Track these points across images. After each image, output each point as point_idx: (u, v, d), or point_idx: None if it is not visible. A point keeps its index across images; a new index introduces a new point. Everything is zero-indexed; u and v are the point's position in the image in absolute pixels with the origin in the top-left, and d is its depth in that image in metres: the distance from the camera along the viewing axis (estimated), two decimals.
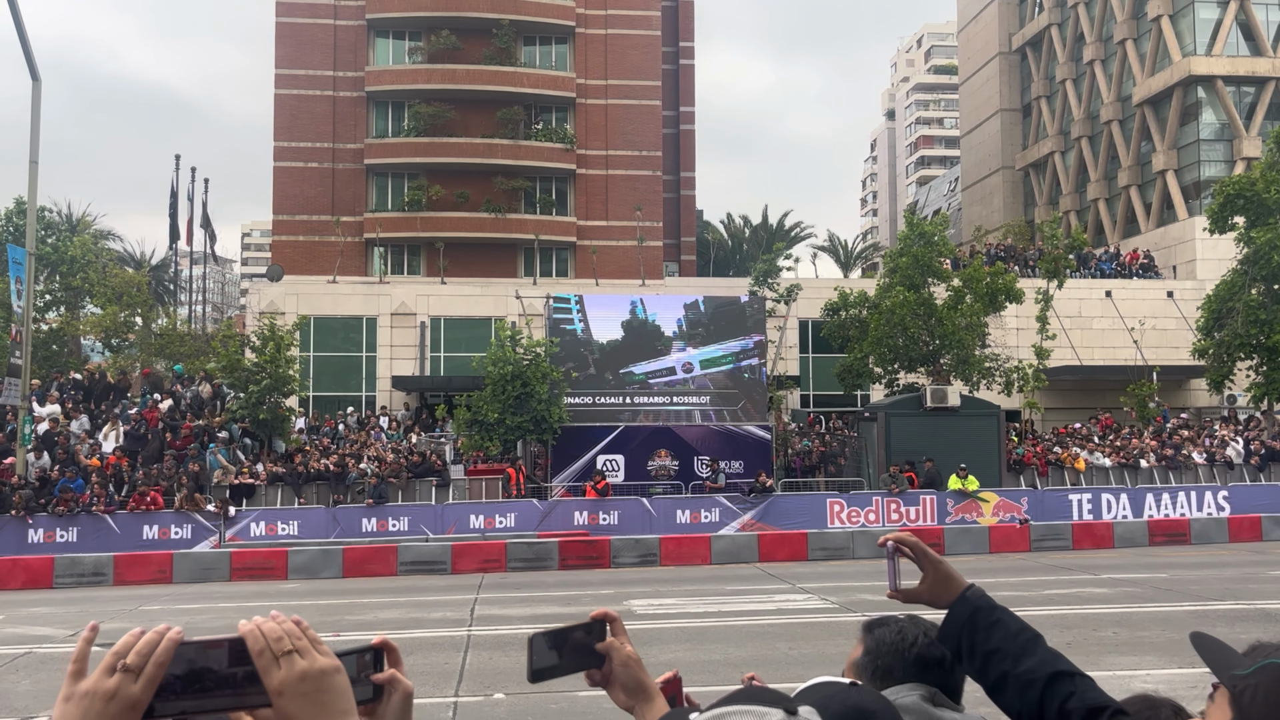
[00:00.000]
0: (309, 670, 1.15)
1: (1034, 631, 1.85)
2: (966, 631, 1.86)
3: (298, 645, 1.16)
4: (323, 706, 1.15)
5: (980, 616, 1.86)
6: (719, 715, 1.29)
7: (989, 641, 1.83)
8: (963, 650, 1.86)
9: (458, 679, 10.92)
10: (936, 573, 1.94)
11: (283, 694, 1.14)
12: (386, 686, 1.34)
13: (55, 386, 27.98)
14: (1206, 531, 24.24)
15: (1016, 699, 1.78)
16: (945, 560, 1.95)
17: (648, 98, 44.07)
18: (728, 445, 27.48)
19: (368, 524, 24.11)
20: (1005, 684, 1.79)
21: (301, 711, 1.14)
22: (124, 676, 1.09)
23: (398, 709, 1.36)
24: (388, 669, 1.36)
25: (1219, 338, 31.44)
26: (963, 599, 1.90)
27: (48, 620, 15.85)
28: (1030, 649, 1.81)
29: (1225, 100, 47.31)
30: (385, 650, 1.36)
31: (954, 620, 1.89)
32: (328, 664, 1.17)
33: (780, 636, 12.90)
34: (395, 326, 37.22)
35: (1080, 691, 1.73)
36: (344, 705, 1.17)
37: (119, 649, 1.11)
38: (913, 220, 31.68)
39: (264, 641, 1.15)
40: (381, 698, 1.34)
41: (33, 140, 24.77)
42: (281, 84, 42.47)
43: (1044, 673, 1.76)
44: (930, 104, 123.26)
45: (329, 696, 1.16)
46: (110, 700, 1.09)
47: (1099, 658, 11.05)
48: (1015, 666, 1.78)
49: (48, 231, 37.01)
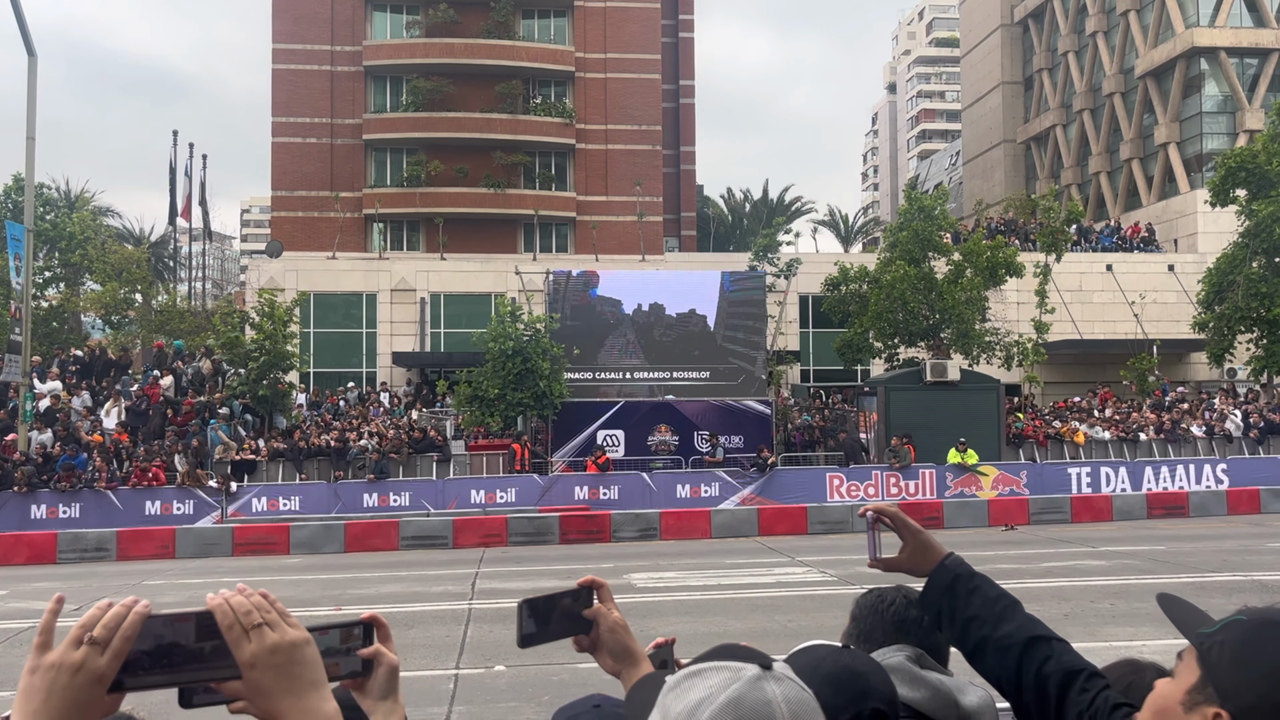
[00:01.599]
0: (280, 643, 1.16)
1: (1012, 598, 1.87)
2: (946, 598, 1.88)
3: (267, 618, 1.17)
4: (294, 678, 1.16)
5: (959, 584, 1.88)
6: (695, 671, 1.29)
7: (968, 608, 1.85)
8: (943, 617, 1.88)
9: (459, 651, 11.00)
10: (916, 541, 1.95)
11: (254, 666, 1.14)
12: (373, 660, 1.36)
13: (56, 363, 27.99)
14: (1205, 504, 24.32)
15: (995, 664, 1.79)
16: (925, 530, 1.97)
17: (647, 71, 43.80)
18: (727, 420, 27.52)
19: (369, 499, 24.20)
20: (984, 649, 1.81)
21: (274, 683, 1.15)
22: (90, 649, 1.09)
23: (384, 682, 1.37)
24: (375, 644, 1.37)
25: (1219, 311, 31.40)
26: (942, 567, 1.91)
27: (50, 595, 15.90)
28: (1008, 615, 1.82)
29: (1228, 72, 47.02)
30: (374, 625, 1.38)
31: (934, 588, 1.91)
32: (298, 636, 1.18)
33: (779, 609, 12.98)
34: (395, 303, 37.19)
35: (1057, 655, 1.75)
36: (315, 676, 1.18)
37: (85, 621, 1.11)
38: (913, 195, 31.58)
39: (233, 615, 1.15)
40: (369, 673, 1.36)
41: (29, 116, 24.67)
42: (279, 59, 42.21)
43: (1021, 637, 1.78)
44: (932, 77, 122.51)
45: (300, 668, 1.17)
46: (76, 672, 1.08)
47: (1096, 629, 11.12)
48: (994, 632, 1.80)
49: (46, 208, 36.89)
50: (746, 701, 1.22)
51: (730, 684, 1.24)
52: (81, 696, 1.09)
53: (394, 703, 1.37)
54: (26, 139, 24.77)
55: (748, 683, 1.24)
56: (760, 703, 1.22)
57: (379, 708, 1.36)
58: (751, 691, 1.23)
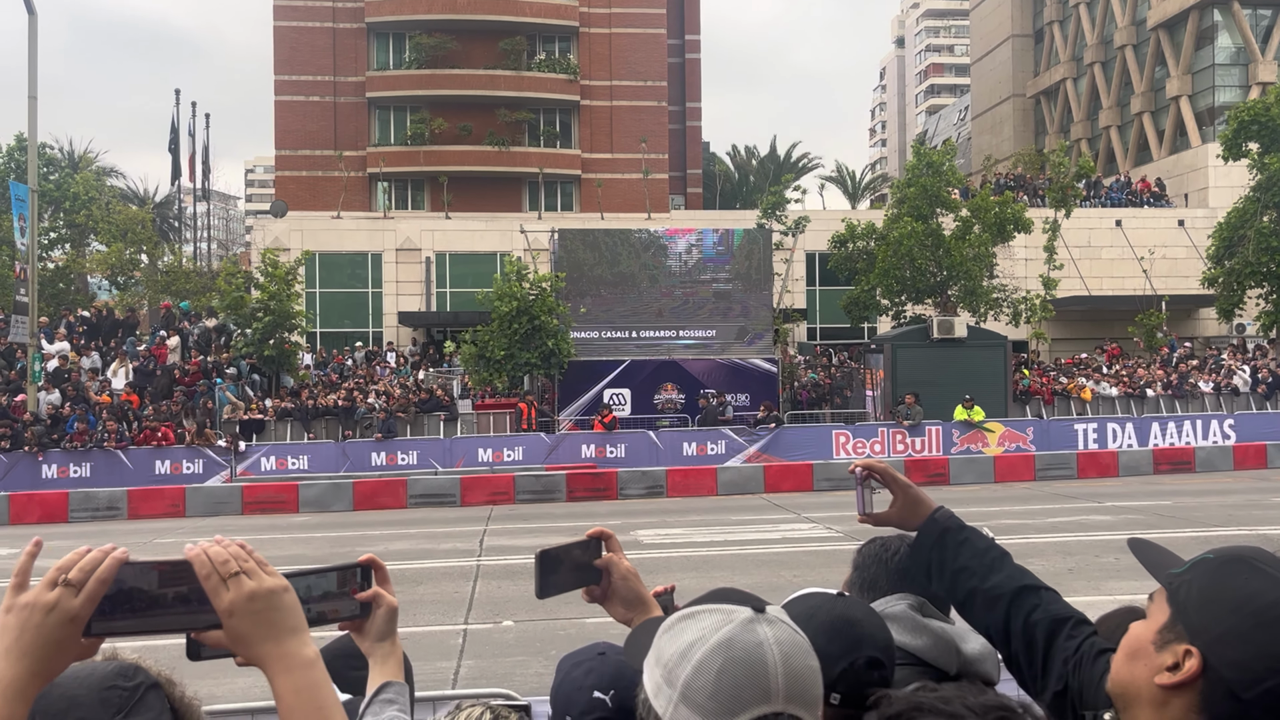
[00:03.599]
0: (257, 590, 1.17)
1: (1001, 549, 1.89)
2: (935, 551, 1.90)
3: (244, 567, 1.18)
4: (273, 625, 1.17)
5: (949, 536, 1.90)
6: (689, 614, 1.31)
7: (957, 560, 1.86)
8: (932, 569, 1.90)
9: (467, 607, 11.11)
10: (906, 496, 1.98)
11: (233, 614, 1.15)
12: (371, 603, 1.37)
13: (64, 324, 28.07)
14: (1211, 459, 24.34)
15: (984, 614, 1.81)
16: (915, 485, 1.99)
17: (652, 26, 43.28)
18: (733, 378, 27.52)
19: (377, 458, 24.32)
20: (973, 600, 1.83)
21: (253, 630, 1.16)
22: (65, 590, 1.11)
23: (382, 624, 1.40)
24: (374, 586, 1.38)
25: (1229, 266, 31.20)
26: (931, 520, 1.93)
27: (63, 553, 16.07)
28: (997, 566, 1.84)
29: (1241, 23, 46.31)
30: (372, 567, 1.39)
31: (923, 541, 1.93)
32: (275, 583, 1.19)
33: (785, 564, 13.07)
34: (401, 262, 37.12)
35: (1044, 604, 1.76)
36: (294, 622, 1.19)
37: (62, 564, 1.12)
38: (921, 150, 31.30)
39: (210, 565, 1.16)
40: (367, 614, 1.37)
41: (30, 75, 24.51)
42: (280, 16, 41.80)
43: (1010, 587, 1.79)
44: (940, 31, 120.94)
45: (279, 615, 1.18)
46: (49, 612, 1.10)
47: (1100, 583, 11.18)
48: (983, 583, 1.82)
49: (50, 169, 36.79)
50: (738, 643, 1.24)
51: (722, 626, 1.26)
52: (54, 635, 1.10)
53: (392, 644, 1.39)
54: (28, 98, 24.63)
55: (740, 625, 1.26)
56: (752, 644, 1.24)
57: (377, 649, 1.38)
58: (743, 633, 1.25)
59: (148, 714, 1.39)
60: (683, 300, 28.12)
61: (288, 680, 1.16)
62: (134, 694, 1.40)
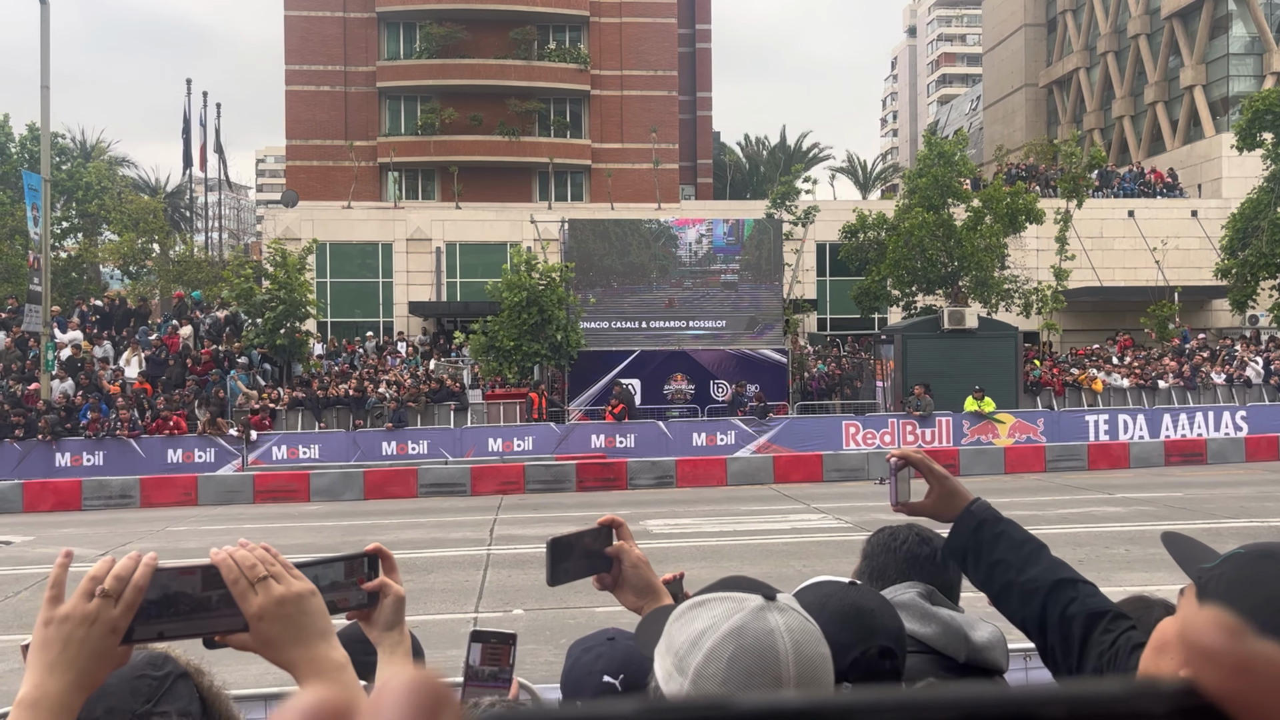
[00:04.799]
0: (286, 594, 1.18)
1: (1038, 542, 1.87)
2: (972, 544, 1.88)
3: (271, 571, 1.19)
4: (302, 628, 1.18)
5: (985, 529, 1.89)
6: (700, 602, 1.32)
7: (994, 553, 1.85)
8: (968, 562, 1.89)
9: (478, 596, 11.16)
10: (942, 488, 1.96)
11: (262, 618, 1.17)
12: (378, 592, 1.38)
13: (77, 313, 28.19)
14: (1223, 451, 24.24)
15: (1020, 607, 1.80)
16: (952, 476, 1.98)
17: (663, 15, 43.15)
18: (744, 369, 27.50)
19: (387, 447, 24.41)
20: (1010, 593, 1.82)
21: (282, 634, 1.17)
22: (103, 601, 1.11)
23: (390, 613, 1.39)
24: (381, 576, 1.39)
25: (1243, 257, 31.00)
26: (968, 512, 1.92)
27: (78, 541, 16.22)
28: (1034, 558, 1.83)
29: (1256, 12, 45.94)
30: (379, 556, 1.39)
31: (959, 533, 1.92)
32: (303, 588, 1.20)
33: (795, 555, 13.08)
34: (411, 252, 37.16)
35: (1082, 597, 1.75)
36: (322, 625, 1.20)
37: (95, 573, 1.12)
38: (932, 140, 31.17)
39: (238, 569, 1.17)
40: (374, 603, 1.38)
41: (43, 65, 24.58)
42: (291, 5, 41.81)
43: (1047, 580, 1.78)
44: (953, 20, 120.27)
45: (307, 619, 1.19)
46: (91, 624, 1.10)
47: (1110, 574, 11.16)
48: (1019, 576, 1.81)
49: (62, 158, 36.89)
50: (749, 631, 1.24)
51: (733, 614, 1.26)
52: (96, 647, 1.11)
53: (400, 633, 1.39)
54: (41, 88, 24.70)
55: (751, 613, 1.26)
56: (763, 632, 1.24)
57: (385, 638, 1.39)
58: (754, 621, 1.25)
59: (177, 703, 1.41)
60: (693, 291, 28.11)
61: (320, 685, 1.17)
62: (163, 683, 1.42)
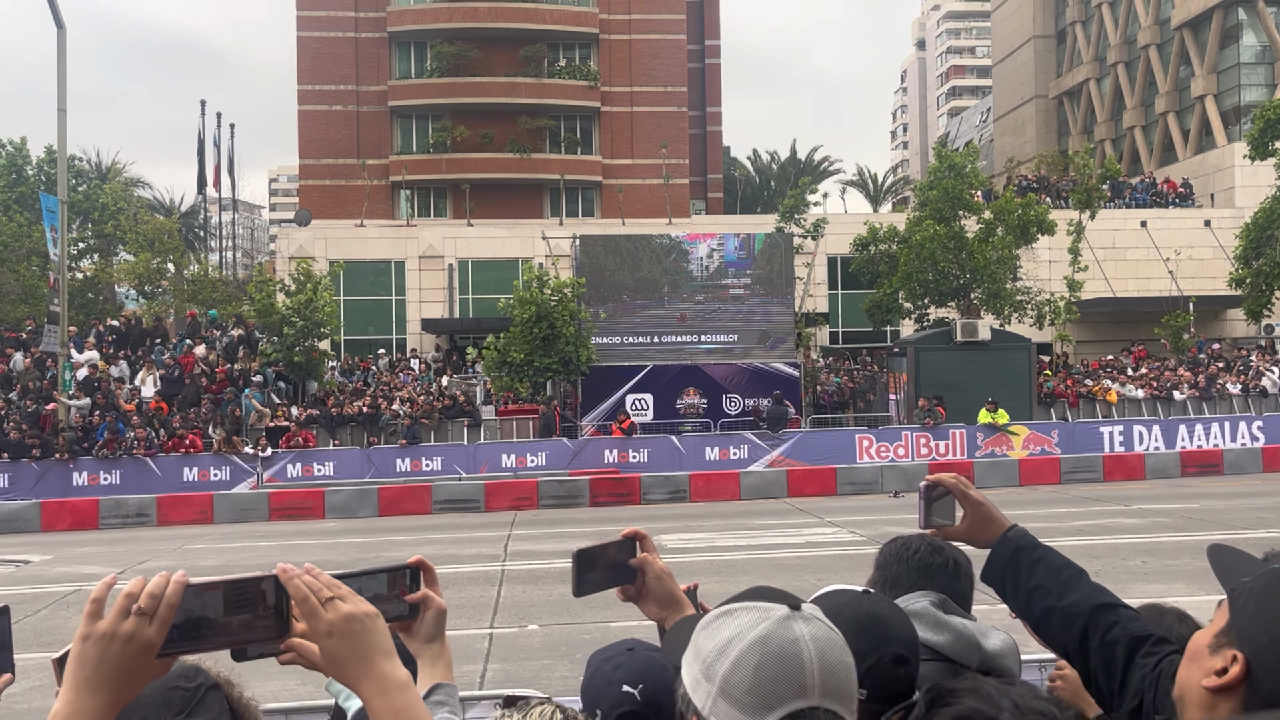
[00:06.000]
0: (354, 613, 1.23)
1: (1077, 567, 1.87)
2: (1010, 570, 1.88)
3: (339, 593, 1.24)
4: (370, 646, 1.23)
5: (1023, 555, 1.89)
6: (726, 611, 1.35)
7: (1032, 579, 1.85)
8: (1006, 589, 1.89)
9: (493, 611, 11.18)
10: (976, 513, 1.95)
11: (332, 634, 1.22)
12: (420, 605, 1.42)
13: (93, 333, 28.41)
14: (1240, 462, 24.09)
15: (1061, 633, 1.81)
16: (988, 502, 1.96)
17: (672, 31, 43.36)
18: (756, 383, 27.50)
19: (401, 464, 24.48)
20: (1050, 619, 1.82)
21: (350, 652, 1.22)
22: (139, 619, 1.15)
23: (431, 625, 1.44)
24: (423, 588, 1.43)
25: (1257, 266, 30.89)
26: (1004, 539, 1.92)
27: (95, 559, 16.31)
28: (1074, 584, 1.83)
29: (1266, 21, 45.85)
30: (421, 569, 1.44)
31: (997, 560, 1.91)
32: (370, 609, 1.25)
33: (809, 568, 13.06)
34: (423, 269, 37.36)
35: (1123, 622, 1.76)
36: (385, 645, 1.25)
37: (130, 591, 1.17)
38: (943, 153, 31.19)
39: (307, 589, 1.22)
40: (416, 615, 1.42)
41: (60, 88, 24.86)
42: (304, 26, 42.19)
43: (1086, 606, 1.79)
44: (962, 32, 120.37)
45: (374, 637, 1.24)
46: (128, 642, 1.15)
47: (1127, 586, 11.09)
48: (1059, 601, 1.81)
49: (78, 180, 37.29)
50: (774, 639, 1.28)
51: (759, 623, 1.30)
52: (132, 665, 1.15)
53: (441, 645, 1.43)
54: (58, 111, 24.97)
55: (776, 622, 1.30)
56: (788, 641, 1.28)
57: (427, 650, 1.43)
58: (779, 630, 1.29)
59: (208, 714, 1.45)
60: (704, 305, 28.14)
61: (385, 702, 1.22)
62: (195, 694, 1.46)
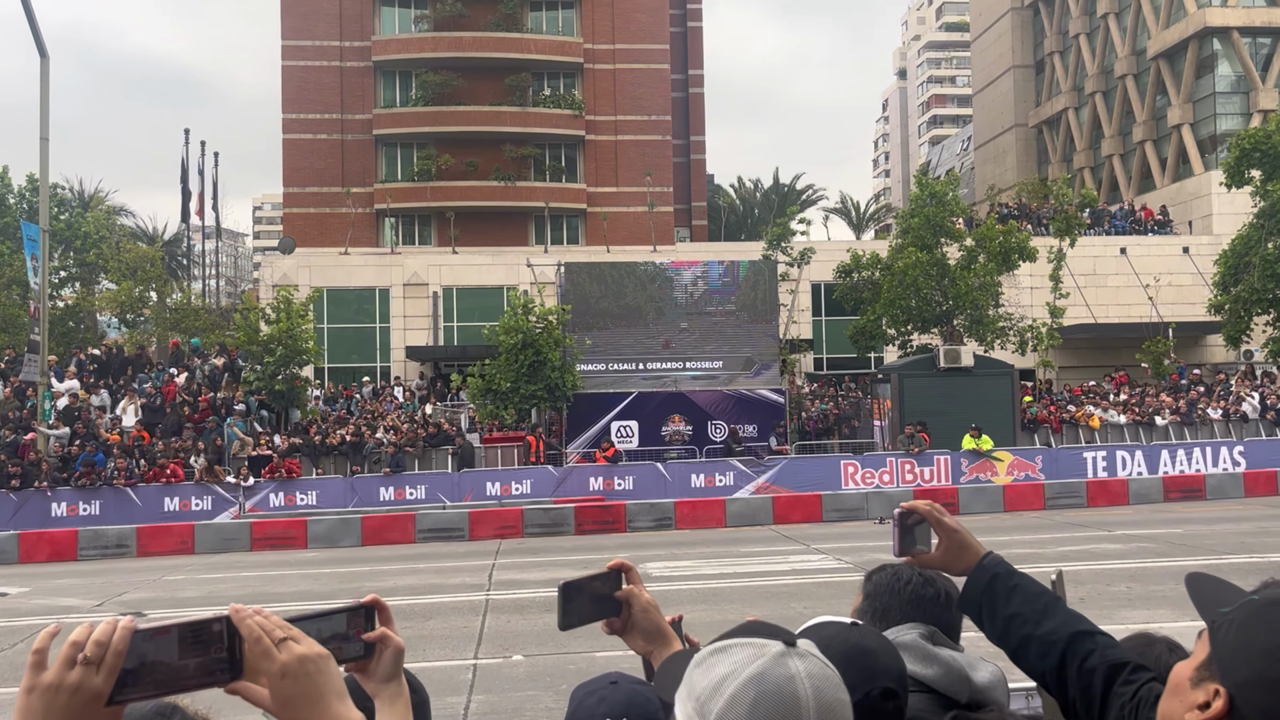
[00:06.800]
0: (308, 654, 1.21)
1: (1053, 594, 1.86)
2: (986, 598, 1.87)
3: (290, 633, 1.22)
4: (322, 687, 1.21)
5: (999, 583, 1.87)
6: (720, 648, 1.33)
7: (1009, 607, 1.84)
8: (983, 616, 1.87)
9: (477, 642, 11.08)
10: (951, 540, 1.94)
11: (285, 676, 1.19)
12: (378, 644, 1.38)
13: (74, 362, 28.20)
14: (1222, 487, 24.22)
15: (1039, 661, 1.79)
16: (963, 529, 1.95)
17: (656, 61, 43.71)
18: (741, 409, 27.52)
19: (385, 493, 24.32)
20: (1027, 647, 1.80)
21: (304, 693, 1.20)
22: (85, 669, 1.11)
23: (389, 664, 1.39)
24: (379, 627, 1.39)
25: (1235, 293, 31.20)
26: (980, 566, 1.90)
27: (74, 591, 16.11)
28: (1050, 611, 1.81)
29: (1241, 52, 46.61)
30: (376, 608, 1.39)
31: (973, 588, 1.90)
32: (322, 651, 1.24)
33: (795, 596, 13.02)
34: (408, 297, 37.31)
35: (1100, 649, 1.74)
36: (339, 687, 1.23)
37: (75, 640, 1.13)
38: (925, 181, 31.46)
39: (259, 630, 1.20)
40: (372, 655, 1.38)
41: (42, 117, 24.82)
42: (289, 55, 42.32)
43: (1064, 634, 1.77)
44: (942, 62, 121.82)
45: (327, 678, 1.22)
46: (75, 693, 1.11)
47: (1112, 612, 11.11)
48: (1036, 629, 1.79)
49: (60, 208, 37.10)
50: (770, 677, 1.26)
51: (754, 660, 1.28)
52: (81, 715, 1.11)
53: (399, 685, 1.39)
54: (40, 140, 24.92)
55: (772, 659, 1.28)
56: (784, 678, 1.26)
57: (384, 690, 1.38)
58: (775, 667, 1.27)
59: None
60: (689, 332, 28.20)
61: None
62: None
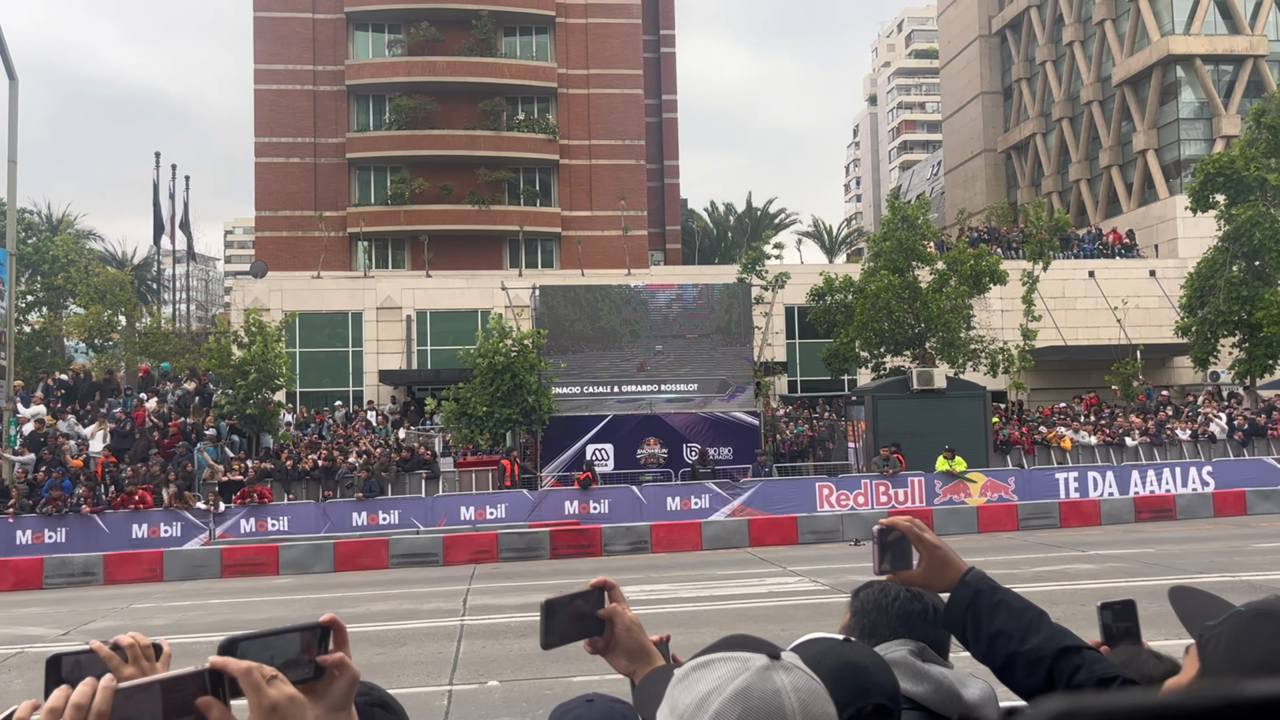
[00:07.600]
0: (296, 696, 1.20)
1: (1038, 609, 1.84)
2: (970, 615, 1.85)
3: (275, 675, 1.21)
4: None
5: (982, 599, 1.85)
6: (703, 663, 1.29)
7: (993, 623, 1.82)
8: (967, 633, 1.85)
9: (452, 667, 10.96)
10: (932, 557, 1.92)
11: (275, 711, 1.18)
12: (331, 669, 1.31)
13: (41, 387, 27.80)
14: (1192, 507, 24.44)
15: (1026, 677, 1.77)
16: (944, 545, 1.92)
17: (629, 86, 43.97)
18: (716, 432, 27.53)
19: (358, 518, 24.08)
20: (1014, 664, 1.78)
21: None
22: None
23: (341, 693, 1.31)
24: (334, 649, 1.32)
25: (1201, 315, 31.63)
26: (963, 583, 1.88)
27: (39, 620, 15.80)
28: (1036, 627, 1.80)
29: (1204, 79, 47.52)
30: (333, 629, 1.33)
31: (956, 605, 1.88)
32: (300, 696, 1.22)
33: (772, 618, 12.98)
34: (381, 320, 37.12)
35: (1088, 664, 1.73)
36: None
37: (53, 707, 1.09)
38: (896, 204, 31.75)
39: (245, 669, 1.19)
40: (322, 677, 1.31)
41: (11, 140, 24.61)
42: (261, 79, 42.21)
43: (1050, 649, 1.75)
44: (912, 88, 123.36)
45: None
46: None
47: (1088, 632, 11.04)
48: (1021, 645, 1.77)
49: (28, 232, 36.76)
50: (755, 691, 1.22)
51: (739, 674, 1.24)
52: None
53: (349, 715, 1.33)
54: (8, 163, 24.69)
55: (756, 673, 1.24)
56: (769, 693, 1.22)
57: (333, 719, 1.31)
58: (760, 681, 1.23)
59: None
60: (664, 355, 28.22)
61: None
62: None
